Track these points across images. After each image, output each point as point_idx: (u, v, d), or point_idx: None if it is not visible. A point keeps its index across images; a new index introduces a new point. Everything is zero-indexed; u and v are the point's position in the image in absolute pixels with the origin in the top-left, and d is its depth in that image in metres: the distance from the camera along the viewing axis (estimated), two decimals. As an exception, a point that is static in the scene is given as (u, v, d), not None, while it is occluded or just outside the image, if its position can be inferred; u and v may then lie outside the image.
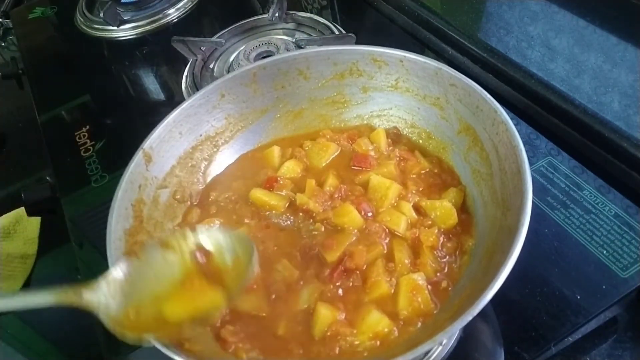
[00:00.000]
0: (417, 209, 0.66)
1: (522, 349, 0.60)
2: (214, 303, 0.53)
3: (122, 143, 0.94)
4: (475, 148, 0.66)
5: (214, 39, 1.09)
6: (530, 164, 0.56)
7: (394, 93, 0.75)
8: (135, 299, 0.52)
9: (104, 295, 0.50)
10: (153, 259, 0.55)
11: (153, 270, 0.54)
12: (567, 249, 0.67)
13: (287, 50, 1.03)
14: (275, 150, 0.76)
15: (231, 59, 1.08)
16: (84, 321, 0.52)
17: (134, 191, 0.64)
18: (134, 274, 0.53)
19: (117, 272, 0.53)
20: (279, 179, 0.71)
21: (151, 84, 1.15)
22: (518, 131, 0.58)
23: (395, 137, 0.76)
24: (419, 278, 0.58)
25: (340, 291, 0.60)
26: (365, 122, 0.79)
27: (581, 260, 0.66)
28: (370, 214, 0.65)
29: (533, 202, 0.52)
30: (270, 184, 0.71)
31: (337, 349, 0.55)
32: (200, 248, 0.56)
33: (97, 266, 0.77)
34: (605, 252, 0.66)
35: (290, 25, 1.13)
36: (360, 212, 0.65)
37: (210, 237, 0.57)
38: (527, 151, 0.56)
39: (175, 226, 0.69)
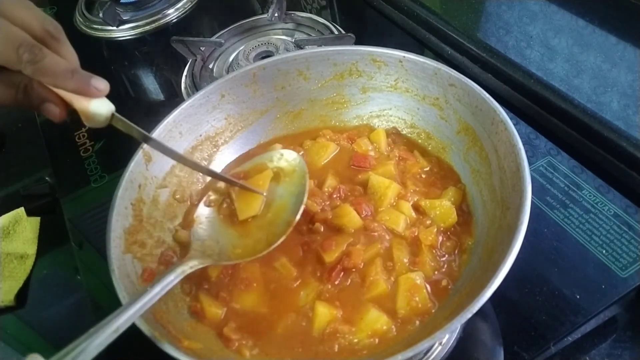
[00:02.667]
0: (416, 208, 0.66)
1: (522, 348, 0.60)
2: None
3: (122, 143, 0.93)
4: (475, 148, 0.66)
5: (213, 39, 1.09)
6: (530, 163, 0.56)
7: (393, 93, 0.75)
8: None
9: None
10: None
11: None
12: (567, 248, 0.67)
13: (287, 50, 1.03)
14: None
15: (230, 59, 1.08)
16: (84, 321, 0.52)
17: (134, 190, 0.64)
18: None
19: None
20: None
21: (151, 84, 1.15)
22: (517, 131, 0.58)
23: (394, 137, 0.76)
24: (417, 277, 0.58)
25: (338, 290, 0.60)
26: (364, 122, 0.79)
27: (580, 259, 0.66)
28: (369, 214, 0.65)
29: (532, 202, 0.52)
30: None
31: (336, 346, 0.55)
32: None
33: (97, 266, 0.78)
34: (604, 251, 0.66)
35: (290, 26, 1.13)
36: (359, 213, 0.65)
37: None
38: (526, 151, 0.56)
39: (176, 226, 0.69)
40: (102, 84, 0.49)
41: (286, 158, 0.67)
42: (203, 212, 0.66)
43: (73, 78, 0.48)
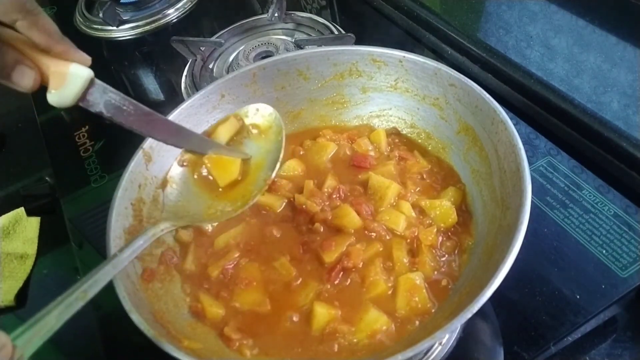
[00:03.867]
0: (416, 208, 0.66)
1: (522, 348, 0.60)
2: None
3: (122, 143, 0.94)
4: (475, 148, 0.66)
5: (213, 39, 1.09)
6: (530, 163, 0.56)
7: (393, 93, 0.75)
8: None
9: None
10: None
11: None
12: (567, 248, 0.67)
13: (287, 50, 1.03)
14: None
15: (230, 59, 1.08)
16: (84, 321, 0.52)
17: (134, 190, 0.64)
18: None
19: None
20: (275, 179, 0.71)
21: (151, 84, 1.15)
22: (517, 131, 0.58)
23: (394, 137, 0.76)
24: (417, 277, 0.58)
25: (338, 290, 0.60)
26: (364, 122, 0.79)
27: (580, 259, 0.66)
28: (369, 214, 0.65)
29: (532, 202, 0.52)
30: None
31: (336, 346, 0.55)
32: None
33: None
34: (604, 251, 0.66)
35: (290, 26, 1.13)
36: (360, 213, 0.65)
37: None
38: (526, 151, 0.56)
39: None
40: (86, 55, 0.49)
41: (262, 113, 0.63)
42: (176, 171, 0.62)
43: (63, 39, 0.47)
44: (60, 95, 0.47)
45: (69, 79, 0.47)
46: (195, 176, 0.62)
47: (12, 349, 0.38)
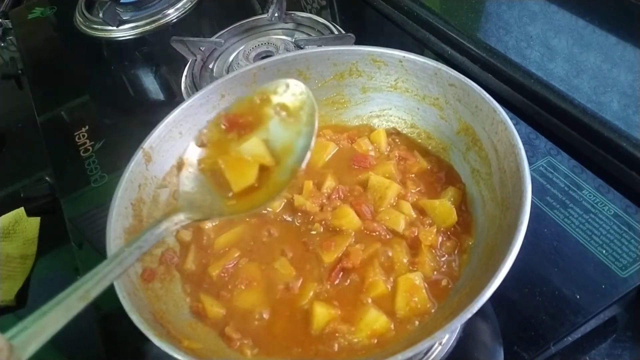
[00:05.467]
0: (416, 208, 0.66)
1: (522, 348, 0.60)
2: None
3: (122, 143, 0.94)
4: (475, 148, 0.66)
5: (213, 39, 1.09)
6: (530, 163, 0.56)
7: (393, 93, 0.75)
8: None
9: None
10: None
11: None
12: (567, 248, 0.67)
13: (287, 50, 1.03)
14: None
15: (230, 59, 1.08)
16: (84, 321, 0.52)
17: (134, 190, 0.64)
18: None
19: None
20: None
21: (150, 84, 1.15)
22: (517, 131, 0.58)
23: (394, 137, 0.76)
24: (417, 278, 0.58)
25: (338, 290, 0.60)
26: (364, 122, 0.79)
27: (580, 259, 0.66)
28: (369, 214, 0.65)
29: (532, 202, 0.52)
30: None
31: (336, 346, 0.55)
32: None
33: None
34: (604, 251, 0.66)
35: (290, 26, 1.13)
36: (359, 213, 0.65)
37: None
38: (526, 151, 0.56)
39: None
40: None
41: (292, 91, 0.55)
42: (193, 154, 0.55)
43: None
44: None
45: None
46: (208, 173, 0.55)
47: (9, 349, 0.37)
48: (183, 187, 0.53)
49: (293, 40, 1.07)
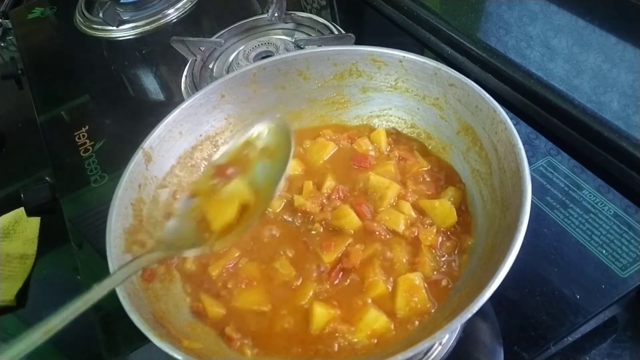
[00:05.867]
0: (416, 208, 0.66)
1: (522, 348, 0.60)
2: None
3: (122, 143, 0.94)
4: (475, 148, 0.66)
5: (213, 39, 1.09)
6: (530, 163, 0.56)
7: (393, 93, 0.75)
8: None
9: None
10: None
11: None
12: (567, 248, 0.67)
13: (287, 50, 1.03)
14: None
15: (230, 59, 1.08)
16: (84, 321, 0.52)
17: (134, 190, 0.64)
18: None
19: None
20: None
21: (150, 84, 1.15)
22: (517, 131, 0.58)
23: (394, 137, 0.76)
24: (416, 278, 0.58)
25: (337, 290, 0.60)
26: (364, 122, 0.79)
27: (580, 259, 0.66)
28: (369, 214, 0.65)
29: (532, 202, 0.52)
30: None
31: (336, 346, 0.55)
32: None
33: (97, 266, 0.78)
34: (604, 251, 0.66)
35: (290, 26, 1.13)
36: (359, 213, 0.65)
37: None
38: (526, 151, 0.56)
39: None
40: None
41: (274, 132, 0.60)
42: (182, 204, 0.60)
43: None
44: None
45: None
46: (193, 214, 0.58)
47: None
48: (166, 232, 0.57)
49: (293, 40, 1.07)
